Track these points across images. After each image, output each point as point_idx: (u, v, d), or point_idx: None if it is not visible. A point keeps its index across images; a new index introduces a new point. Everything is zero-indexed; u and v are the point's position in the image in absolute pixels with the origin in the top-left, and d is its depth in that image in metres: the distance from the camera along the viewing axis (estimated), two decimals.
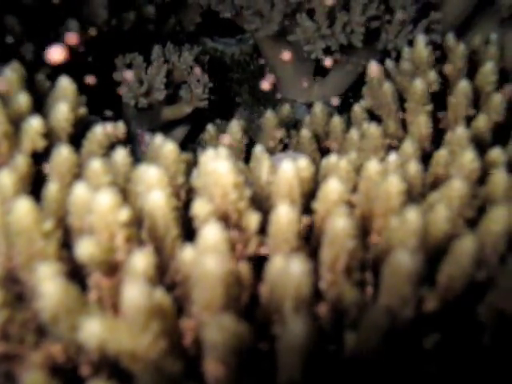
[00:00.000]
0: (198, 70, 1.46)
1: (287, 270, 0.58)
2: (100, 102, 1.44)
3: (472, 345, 0.59)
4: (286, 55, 1.44)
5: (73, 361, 0.65)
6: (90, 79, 1.23)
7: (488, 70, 1.11)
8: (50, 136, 0.89)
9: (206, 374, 0.57)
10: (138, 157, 1.10)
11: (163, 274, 0.72)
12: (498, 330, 0.58)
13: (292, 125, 1.31)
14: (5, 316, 0.64)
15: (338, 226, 0.65)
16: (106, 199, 0.67)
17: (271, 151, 1.23)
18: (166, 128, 1.57)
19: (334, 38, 1.33)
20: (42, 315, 0.60)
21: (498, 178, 0.79)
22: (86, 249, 0.67)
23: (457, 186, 0.76)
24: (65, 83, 0.96)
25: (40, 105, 0.98)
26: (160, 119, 1.56)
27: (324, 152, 1.22)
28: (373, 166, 0.80)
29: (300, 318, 0.52)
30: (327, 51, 1.39)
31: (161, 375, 0.52)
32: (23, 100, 0.91)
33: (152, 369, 0.52)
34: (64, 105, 0.91)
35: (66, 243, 0.76)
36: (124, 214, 0.68)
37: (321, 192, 0.75)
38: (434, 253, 0.69)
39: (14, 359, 0.64)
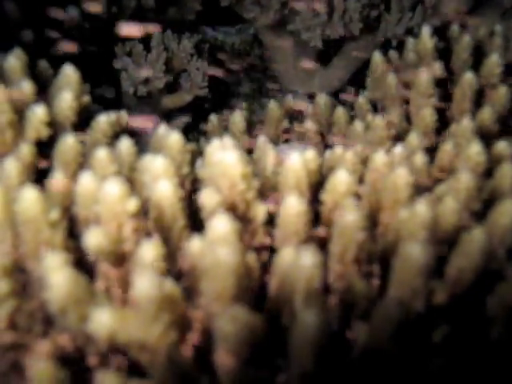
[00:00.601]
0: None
1: (298, 262, 0.58)
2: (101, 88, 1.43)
3: (480, 338, 0.59)
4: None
5: (81, 351, 0.65)
6: (70, 47, 1.20)
7: (493, 61, 1.10)
8: (54, 125, 0.89)
9: (217, 365, 0.57)
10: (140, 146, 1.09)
11: (170, 265, 0.72)
12: (508, 323, 0.58)
13: (295, 116, 1.30)
14: (12, 306, 0.64)
15: (348, 218, 0.65)
16: (114, 189, 0.67)
17: (274, 142, 1.23)
18: (167, 117, 1.56)
19: (333, 27, 1.33)
20: (50, 306, 0.60)
21: (506, 170, 0.79)
22: (94, 239, 0.66)
23: (464, 179, 0.75)
24: (69, 71, 0.95)
25: (43, 93, 0.98)
26: (160, 108, 1.55)
27: (327, 143, 1.21)
28: (380, 158, 0.80)
29: (312, 310, 0.52)
30: (328, 41, 1.39)
31: (173, 366, 0.52)
32: (27, 88, 0.90)
33: (164, 359, 0.52)
34: (68, 93, 0.90)
35: (72, 233, 0.75)
36: (132, 204, 0.67)
37: (329, 183, 0.74)
38: (443, 245, 0.69)
39: (22, 349, 0.64)
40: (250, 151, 1.18)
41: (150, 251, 0.64)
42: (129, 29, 1.00)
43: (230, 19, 1.79)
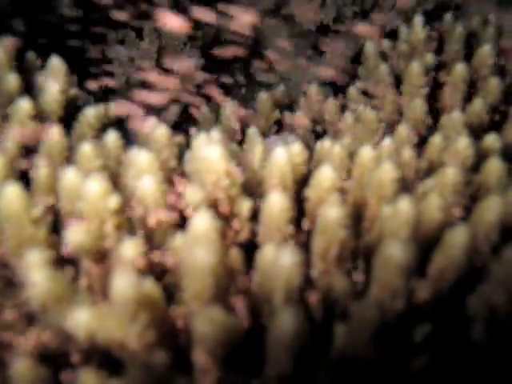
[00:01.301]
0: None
1: (277, 260, 0.58)
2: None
3: (461, 338, 0.59)
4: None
5: (63, 348, 0.65)
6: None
7: (485, 52, 1.09)
8: (40, 118, 0.88)
9: (196, 364, 0.57)
10: (130, 138, 1.09)
11: (154, 261, 0.72)
12: (489, 323, 0.58)
13: (287, 106, 1.29)
14: None
15: (330, 215, 0.64)
16: (95, 186, 0.66)
17: (265, 133, 1.22)
18: (160, 107, 1.55)
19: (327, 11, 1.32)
20: (30, 303, 0.60)
21: (492, 165, 0.78)
22: (75, 236, 0.66)
23: (450, 174, 0.75)
24: (55, 63, 0.94)
25: (30, 85, 0.97)
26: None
27: (319, 134, 1.20)
28: (366, 153, 0.80)
29: (289, 311, 0.51)
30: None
31: (148, 367, 0.52)
32: (12, 81, 0.89)
33: (139, 361, 0.52)
34: (54, 86, 0.89)
35: (58, 227, 0.75)
36: (114, 202, 0.67)
37: (313, 179, 0.74)
38: (426, 242, 0.68)
39: (4, 346, 0.64)
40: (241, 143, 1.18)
41: (130, 249, 0.64)
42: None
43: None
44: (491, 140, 0.89)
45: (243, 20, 1.16)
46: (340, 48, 1.43)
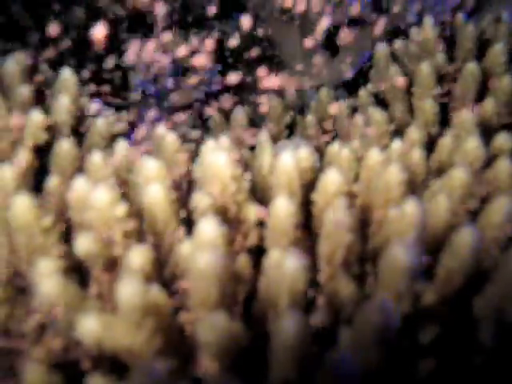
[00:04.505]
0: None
1: (282, 265, 0.58)
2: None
3: (468, 340, 0.59)
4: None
5: (74, 355, 0.66)
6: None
7: (497, 50, 1.08)
8: (53, 129, 0.90)
9: (202, 370, 0.57)
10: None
11: (163, 268, 0.72)
12: (495, 326, 0.57)
13: (299, 109, 1.30)
14: (5, 312, 0.65)
15: (336, 219, 0.65)
16: (103, 195, 0.67)
17: (277, 137, 1.22)
18: (174, 112, 1.57)
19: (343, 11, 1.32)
20: (40, 311, 0.61)
21: (502, 165, 0.78)
22: (83, 244, 0.67)
23: (458, 176, 0.74)
24: (66, 75, 0.96)
25: (43, 96, 0.99)
26: (168, 104, 1.56)
27: (331, 137, 1.20)
28: (374, 155, 0.79)
29: (293, 317, 0.52)
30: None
31: (152, 373, 0.53)
32: (25, 93, 0.91)
33: (143, 367, 0.52)
34: (65, 97, 0.91)
35: (70, 237, 0.76)
36: (121, 210, 0.68)
37: (320, 183, 0.74)
38: (434, 244, 0.68)
39: (16, 354, 0.65)
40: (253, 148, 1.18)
41: (138, 256, 0.65)
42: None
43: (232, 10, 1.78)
44: (502, 140, 0.88)
45: None
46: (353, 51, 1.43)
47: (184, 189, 0.87)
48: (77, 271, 0.73)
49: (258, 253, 0.76)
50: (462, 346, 0.59)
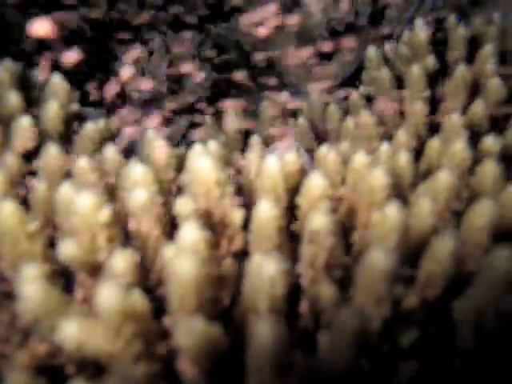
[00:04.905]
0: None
1: (261, 269, 0.58)
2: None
3: (448, 343, 0.59)
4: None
5: (58, 360, 0.66)
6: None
7: (487, 52, 1.08)
8: (42, 134, 0.90)
9: (182, 374, 0.57)
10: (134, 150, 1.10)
11: (148, 272, 0.73)
12: (474, 330, 0.57)
13: (291, 113, 1.30)
14: None
15: (317, 223, 0.65)
16: (86, 200, 0.68)
17: (269, 140, 1.23)
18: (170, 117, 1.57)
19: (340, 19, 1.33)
20: (23, 316, 0.61)
21: (487, 167, 0.77)
22: (67, 249, 0.68)
23: (444, 178, 0.74)
24: (56, 80, 0.97)
25: (34, 101, 0.99)
26: (164, 109, 1.56)
27: (323, 140, 1.20)
28: (360, 159, 0.80)
29: (267, 320, 0.52)
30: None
31: (130, 378, 0.53)
32: (14, 99, 0.91)
33: (121, 372, 0.53)
34: (54, 103, 0.91)
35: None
36: (105, 215, 0.68)
37: (304, 187, 0.74)
38: (416, 248, 0.68)
39: (1, 359, 0.66)
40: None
41: (121, 261, 0.65)
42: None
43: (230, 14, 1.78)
44: (490, 142, 0.88)
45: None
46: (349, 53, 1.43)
47: (173, 194, 0.88)
48: (63, 276, 0.73)
49: (244, 257, 0.76)
50: (442, 348, 0.59)
